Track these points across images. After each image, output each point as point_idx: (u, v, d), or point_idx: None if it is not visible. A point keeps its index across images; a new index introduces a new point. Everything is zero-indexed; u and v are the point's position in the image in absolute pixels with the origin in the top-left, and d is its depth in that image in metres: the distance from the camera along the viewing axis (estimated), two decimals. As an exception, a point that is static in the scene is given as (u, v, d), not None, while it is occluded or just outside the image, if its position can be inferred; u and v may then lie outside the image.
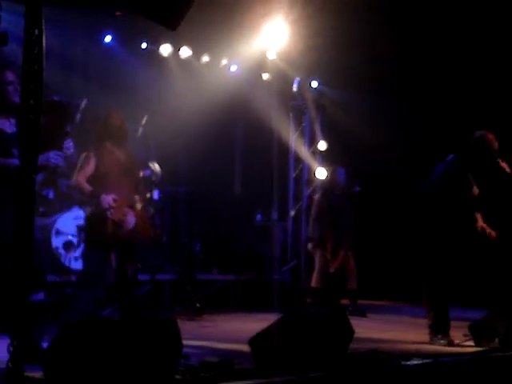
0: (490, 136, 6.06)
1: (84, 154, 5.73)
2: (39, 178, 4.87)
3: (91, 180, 5.66)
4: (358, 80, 9.63)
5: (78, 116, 7.69)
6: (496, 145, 6.03)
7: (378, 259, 10.44)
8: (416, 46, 9.32)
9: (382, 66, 9.27)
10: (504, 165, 6.00)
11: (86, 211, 5.81)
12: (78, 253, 7.40)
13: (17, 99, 4.40)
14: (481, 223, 6.14)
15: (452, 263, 5.92)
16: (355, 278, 8.61)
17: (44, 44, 3.42)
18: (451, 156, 6.20)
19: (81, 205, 7.65)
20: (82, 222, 7.40)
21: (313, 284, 8.75)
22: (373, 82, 9.78)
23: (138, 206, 5.77)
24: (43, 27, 3.44)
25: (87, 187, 5.63)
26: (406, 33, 8.99)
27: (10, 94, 4.60)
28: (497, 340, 5.61)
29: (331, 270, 8.57)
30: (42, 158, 4.77)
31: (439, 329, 5.87)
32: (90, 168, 5.65)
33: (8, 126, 4.66)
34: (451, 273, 5.94)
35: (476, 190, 6.14)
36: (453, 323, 6.02)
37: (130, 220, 5.56)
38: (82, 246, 7.22)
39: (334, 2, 8.03)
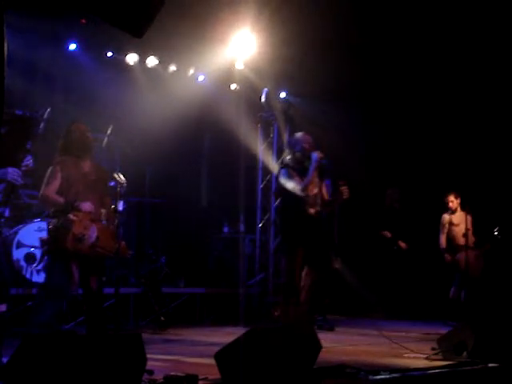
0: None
1: (50, 169, 5.74)
2: None
3: (57, 194, 5.67)
4: (327, 91, 9.63)
5: (42, 125, 7.54)
6: None
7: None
8: (386, 57, 9.35)
9: (351, 77, 9.28)
10: None
11: (50, 223, 5.73)
12: (39, 265, 7.26)
13: None
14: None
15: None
16: (325, 292, 8.52)
17: (5, 51, 3.34)
18: None
19: (43, 217, 7.52)
20: (44, 234, 7.29)
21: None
22: (342, 92, 9.78)
23: (104, 219, 5.72)
24: (4, 34, 3.35)
25: (59, 198, 5.62)
26: (376, 44, 9.02)
27: None
28: (465, 353, 5.59)
29: None
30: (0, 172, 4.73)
31: None
32: (57, 182, 5.66)
33: None
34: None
35: None
36: (421, 337, 5.99)
37: (92, 234, 5.52)
38: (46, 258, 7.11)
39: (301, 12, 8.02)
